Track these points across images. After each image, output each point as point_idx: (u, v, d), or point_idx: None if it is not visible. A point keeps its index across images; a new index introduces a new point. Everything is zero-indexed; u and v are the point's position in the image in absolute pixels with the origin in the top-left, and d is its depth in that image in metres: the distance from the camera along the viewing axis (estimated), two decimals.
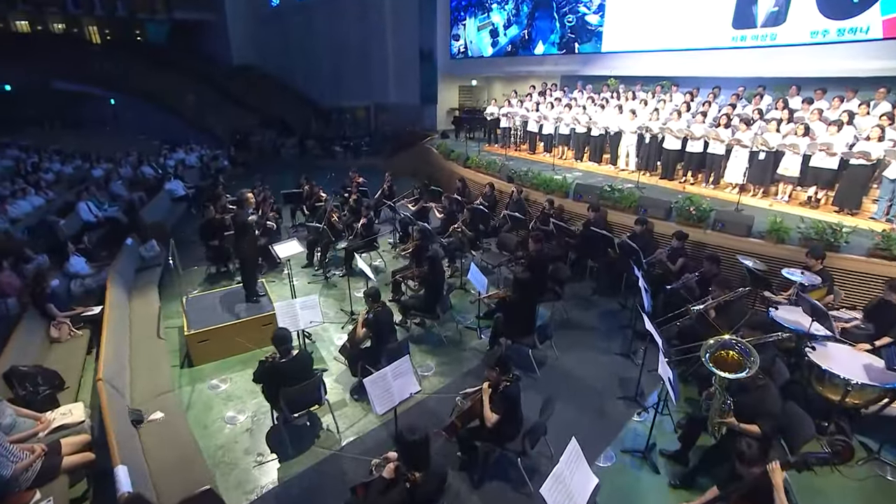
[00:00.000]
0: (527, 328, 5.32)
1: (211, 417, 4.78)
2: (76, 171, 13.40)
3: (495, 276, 7.85)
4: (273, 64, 25.62)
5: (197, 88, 22.40)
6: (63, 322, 5.36)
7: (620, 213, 7.83)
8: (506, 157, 11.92)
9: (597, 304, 7.12)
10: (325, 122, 22.14)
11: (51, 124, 20.95)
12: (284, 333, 4.19)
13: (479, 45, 17.76)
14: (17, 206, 9.30)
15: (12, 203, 9.28)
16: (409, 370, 4.13)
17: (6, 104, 22.27)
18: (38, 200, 10.08)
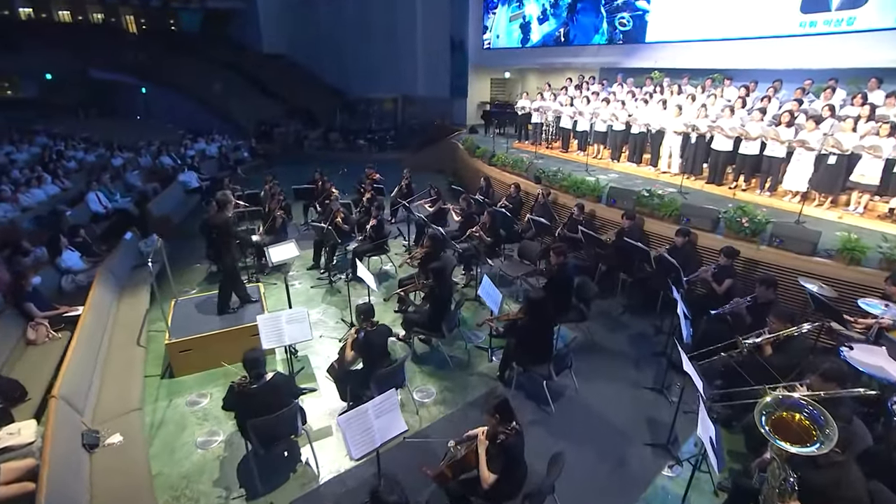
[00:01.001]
0: (541, 356, 4.68)
1: (182, 440, 4.38)
2: (98, 160, 13.54)
3: (515, 287, 7.22)
4: (303, 53, 25.59)
5: (225, 77, 22.57)
6: (41, 323, 5.11)
7: (659, 223, 7.03)
8: (535, 155, 11.21)
9: (627, 325, 6.39)
10: (350, 114, 21.87)
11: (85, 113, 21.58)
12: (257, 356, 3.72)
13: (506, 40, 17.03)
14: (30, 194, 9.32)
15: (26, 192, 9.29)
16: (394, 406, 3.59)
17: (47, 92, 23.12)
18: (53, 189, 10.12)
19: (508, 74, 18.74)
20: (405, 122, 20.91)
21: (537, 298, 4.56)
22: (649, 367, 5.46)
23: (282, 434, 3.85)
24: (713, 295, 5.65)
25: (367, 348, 4.36)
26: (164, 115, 22.30)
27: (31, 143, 14.62)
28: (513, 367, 5.10)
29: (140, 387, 4.52)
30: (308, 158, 18.06)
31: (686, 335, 4.61)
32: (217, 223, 5.46)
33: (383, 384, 4.33)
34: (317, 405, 4.91)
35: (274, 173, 10.38)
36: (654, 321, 6.31)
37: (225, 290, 5.70)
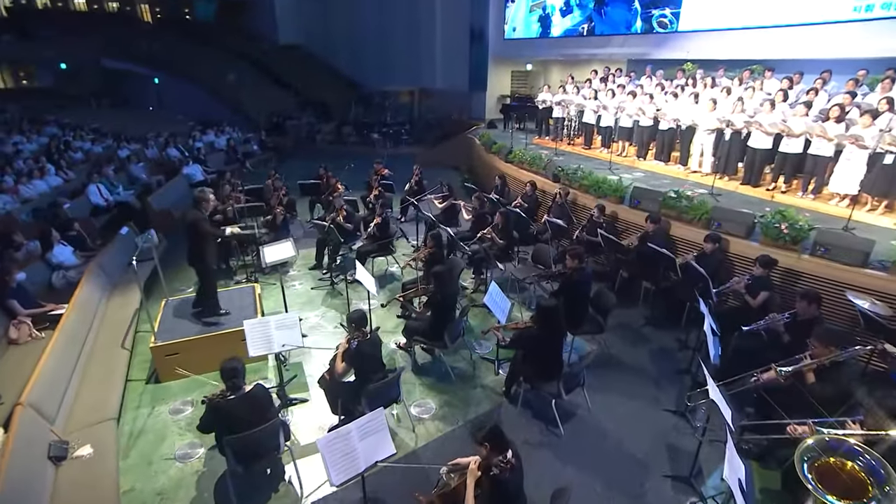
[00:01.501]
0: (550, 371, 4.38)
1: (161, 451, 4.23)
2: (106, 151, 13.69)
3: (528, 294, 6.91)
4: (319, 44, 25.58)
5: (239, 68, 22.72)
6: (24, 322, 5.02)
7: (687, 227, 6.63)
8: (555, 151, 10.87)
9: (649, 338, 6.02)
10: (365, 107, 21.76)
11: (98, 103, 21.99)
12: (235, 366, 3.53)
13: (524, 33, 16.63)
14: (31, 186, 9.40)
15: (27, 183, 9.37)
16: (381, 427, 3.35)
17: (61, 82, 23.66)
18: (56, 181, 10.20)
19: (530, 66, 18.34)
20: (421, 116, 20.71)
21: (548, 306, 4.26)
22: (671, 386, 5.10)
23: (261, 451, 3.64)
24: (746, 309, 5.25)
25: (358, 359, 4.12)
26: (176, 106, 22.57)
27: (40, 134, 14.88)
28: (520, 383, 4.81)
29: (118, 394, 4.38)
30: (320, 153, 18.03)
31: (713, 354, 4.27)
32: (188, 221, 5.29)
33: (375, 399, 4.12)
34: (307, 418, 4.71)
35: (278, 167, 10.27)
36: (679, 335, 5.94)
37: (200, 290, 5.53)
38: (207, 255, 5.34)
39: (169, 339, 5.08)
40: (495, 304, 5.00)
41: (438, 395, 5.02)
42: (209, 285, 5.53)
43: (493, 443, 2.88)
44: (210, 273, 5.50)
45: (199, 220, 5.21)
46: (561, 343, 4.41)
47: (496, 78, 18.46)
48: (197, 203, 5.29)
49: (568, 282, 5.26)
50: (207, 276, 5.48)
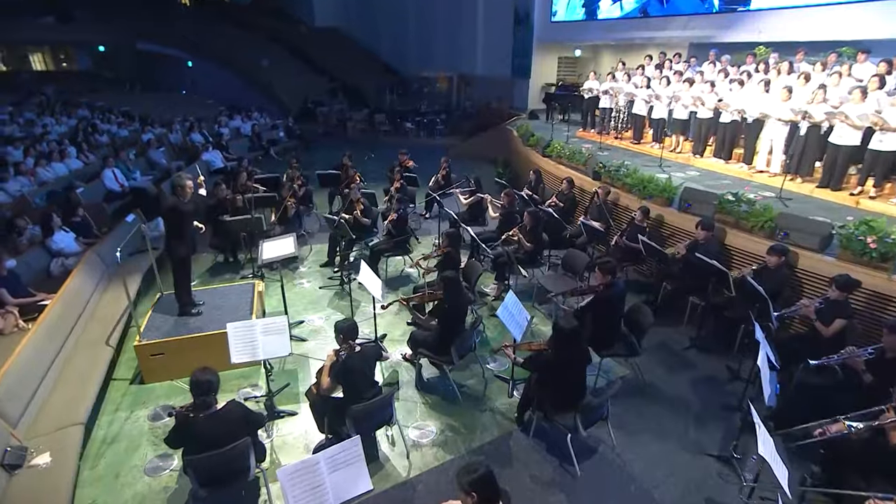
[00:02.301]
0: (567, 401, 3.94)
1: (131, 462, 4.08)
2: (131, 135, 14.11)
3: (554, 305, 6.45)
4: (357, 27, 25.57)
5: (272, 52, 23.04)
6: (10, 311, 5.04)
7: (746, 236, 5.97)
8: (600, 145, 10.28)
9: (693, 364, 5.45)
10: (401, 94, 21.60)
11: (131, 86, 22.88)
12: (207, 378, 3.30)
13: (566, 16, 15.93)
14: (50, 168, 9.69)
15: (46, 166, 9.66)
16: (355, 458, 3.04)
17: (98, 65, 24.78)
18: (76, 164, 10.51)
19: (579, 52, 17.62)
20: (459, 104, 20.34)
21: (567, 329, 3.82)
22: (716, 424, 4.55)
23: (226, 475, 3.41)
24: (816, 338, 4.62)
25: (345, 375, 3.83)
26: (209, 90, 23.18)
27: (70, 116, 15.52)
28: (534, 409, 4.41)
29: (91, 397, 4.26)
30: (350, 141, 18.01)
31: (769, 394, 3.71)
32: (164, 208, 5.14)
33: (363, 421, 3.82)
34: (294, 433, 4.47)
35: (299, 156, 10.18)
36: (730, 362, 5.34)
37: (177, 285, 5.39)
38: (181, 245, 5.18)
39: (154, 338, 4.97)
40: (511, 317, 4.59)
41: (441, 416, 4.68)
42: (183, 279, 5.39)
43: (482, 493, 2.51)
44: (185, 266, 5.35)
45: (176, 208, 5.06)
46: (581, 370, 3.97)
47: (541, 64, 17.86)
48: (174, 190, 5.13)
49: (597, 300, 4.78)
50: (183, 268, 5.34)
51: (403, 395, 4.97)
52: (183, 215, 5.09)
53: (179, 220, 5.08)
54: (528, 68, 17.59)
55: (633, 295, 6.71)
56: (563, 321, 3.84)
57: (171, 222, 5.08)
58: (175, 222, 5.06)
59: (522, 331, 4.62)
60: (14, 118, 14.29)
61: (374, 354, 4.08)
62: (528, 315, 4.87)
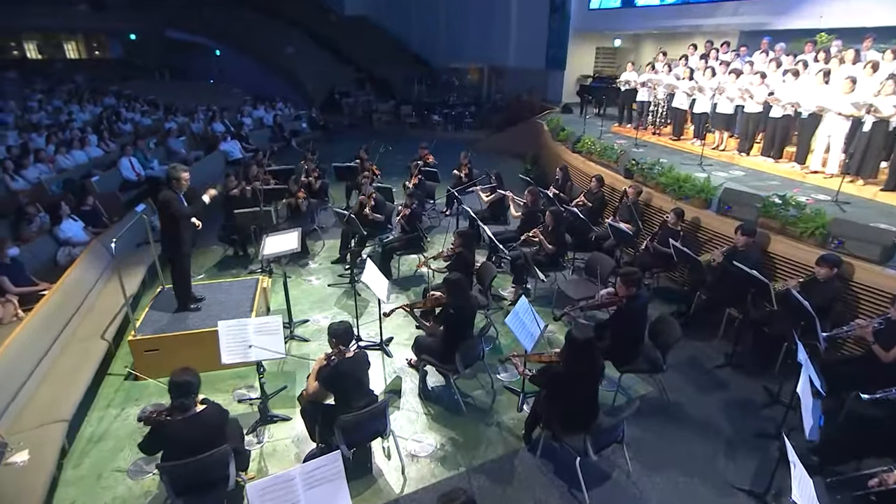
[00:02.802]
0: (577, 420, 3.70)
1: (115, 463, 4.05)
2: (154, 123, 14.44)
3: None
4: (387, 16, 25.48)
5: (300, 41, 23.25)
6: (10, 300, 5.12)
7: (793, 243, 5.55)
8: (635, 141, 9.87)
9: (726, 384, 5.09)
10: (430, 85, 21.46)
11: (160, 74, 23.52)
12: (186, 379, 3.22)
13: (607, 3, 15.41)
14: (70, 156, 9.95)
15: (66, 153, 9.93)
16: (335, 475, 2.88)
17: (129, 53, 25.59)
18: (97, 152, 10.78)
19: (619, 42, 17.07)
20: (490, 96, 20.05)
21: (581, 340, 3.56)
22: (749, 454, 4.20)
23: (204, 483, 3.31)
24: (873, 364, 4.21)
25: (335, 381, 3.69)
26: (236, 79, 23.60)
27: (96, 104, 16.01)
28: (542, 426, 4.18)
29: (78, 393, 4.25)
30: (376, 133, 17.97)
31: (811, 426, 3.37)
32: (160, 201, 5.10)
33: (353, 432, 3.68)
34: (287, 440, 4.37)
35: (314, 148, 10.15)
36: (770, 383, 4.96)
37: (174, 281, 5.36)
38: (181, 240, 5.13)
39: (149, 333, 4.96)
40: (521, 325, 4.37)
41: (443, 429, 4.49)
42: (181, 274, 5.35)
43: None
44: (183, 260, 5.30)
45: (170, 201, 5.00)
46: (594, 387, 3.71)
47: (577, 55, 17.37)
48: (169, 181, 5.09)
49: (618, 314, 4.50)
50: (180, 263, 5.29)
51: (405, 404, 4.81)
52: (173, 209, 5.00)
53: (167, 213, 5.02)
54: (562, 59, 17.14)
55: (662, 304, 6.41)
56: (576, 331, 3.59)
57: (165, 216, 5.03)
58: (170, 216, 5.00)
59: (534, 341, 4.38)
60: (42, 105, 14.83)
61: (368, 361, 3.92)
62: (542, 323, 4.63)
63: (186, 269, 5.39)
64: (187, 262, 5.38)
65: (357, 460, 4.13)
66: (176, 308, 5.42)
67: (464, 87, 21.19)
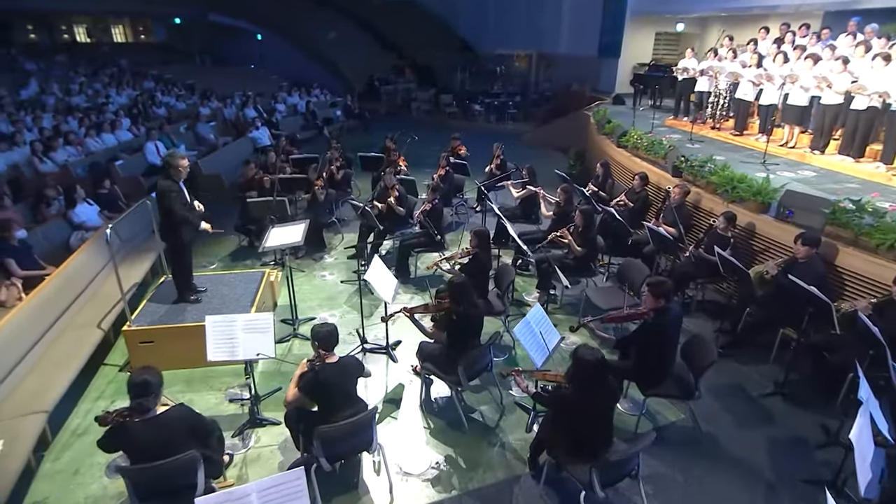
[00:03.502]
0: (582, 449, 3.40)
1: (94, 459, 4.06)
2: (189, 108, 14.89)
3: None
4: None
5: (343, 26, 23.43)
6: (14, 284, 5.27)
7: (867, 257, 4.98)
8: (691, 136, 9.29)
9: (774, 416, 4.63)
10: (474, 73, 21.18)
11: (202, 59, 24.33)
12: (146, 379, 3.14)
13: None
14: (99, 139, 10.34)
15: (96, 136, 10.33)
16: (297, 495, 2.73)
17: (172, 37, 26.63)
18: (126, 135, 11.17)
19: (682, 26, 16.22)
20: (536, 86, 19.58)
21: (590, 361, 3.26)
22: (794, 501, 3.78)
23: (169, 490, 3.23)
24: None
25: (314, 389, 3.55)
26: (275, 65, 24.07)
27: (135, 88, 16.68)
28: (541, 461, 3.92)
29: (64, 383, 4.30)
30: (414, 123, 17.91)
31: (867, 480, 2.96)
32: (157, 191, 5.07)
33: (333, 444, 3.53)
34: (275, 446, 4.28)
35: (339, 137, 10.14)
36: (828, 420, 4.46)
37: (174, 272, 5.36)
38: (179, 231, 5.11)
39: (145, 324, 4.99)
40: (532, 337, 4.10)
41: (442, 445, 4.29)
42: (180, 265, 5.34)
43: None
44: (182, 250, 5.29)
45: (166, 192, 4.97)
46: (605, 413, 3.40)
47: (634, 41, 16.65)
48: (166, 169, 5.07)
49: (644, 329, 4.14)
50: (180, 253, 5.28)
51: (403, 415, 4.64)
52: (168, 199, 4.95)
53: (163, 203, 4.99)
54: (617, 46, 16.46)
55: (705, 319, 5.99)
56: (582, 350, 3.29)
57: (162, 205, 5.02)
58: (166, 206, 4.99)
59: (547, 355, 4.11)
60: (83, 89, 15.58)
61: (354, 369, 3.76)
62: (558, 335, 4.36)
63: (186, 259, 5.38)
64: (187, 253, 5.37)
65: (344, 474, 4.01)
66: (175, 299, 5.44)
67: (509, 75, 20.80)
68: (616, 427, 4.39)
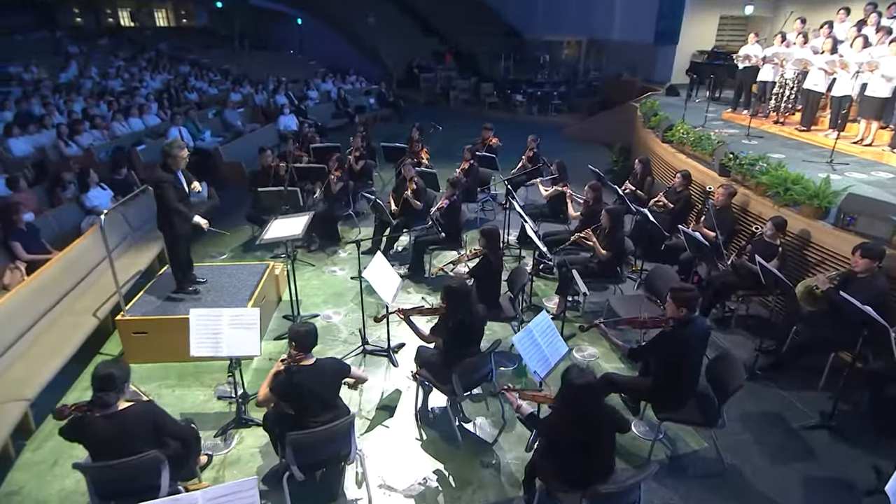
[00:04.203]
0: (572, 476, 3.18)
1: (75, 451, 4.09)
2: (221, 93, 15.28)
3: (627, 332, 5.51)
4: None
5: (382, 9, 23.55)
6: (17, 268, 5.47)
7: None
8: (749, 131, 8.77)
9: (816, 452, 4.24)
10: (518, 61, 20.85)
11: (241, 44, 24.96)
12: (109, 372, 3.14)
13: None
14: (125, 124, 10.72)
15: (123, 120, 10.71)
16: None
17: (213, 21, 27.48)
18: (154, 120, 11.53)
19: (751, 9, 15.38)
20: (584, 75, 19.08)
21: (577, 384, 3.02)
22: None
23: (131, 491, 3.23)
24: None
25: (286, 392, 3.48)
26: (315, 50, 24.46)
27: (170, 72, 17.27)
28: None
29: (50, 372, 4.41)
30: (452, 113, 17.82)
31: None
32: (152, 180, 5.10)
33: (306, 453, 3.46)
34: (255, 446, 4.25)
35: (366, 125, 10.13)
36: (880, 459, 4.06)
37: (172, 264, 5.41)
38: (175, 222, 5.14)
39: (139, 315, 5.08)
40: (533, 348, 3.90)
41: (432, 460, 4.16)
42: (177, 256, 5.39)
43: None
44: (179, 241, 5.32)
45: (160, 182, 5.00)
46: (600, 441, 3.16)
47: (695, 26, 15.93)
48: (164, 158, 5.10)
49: (661, 341, 3.87)
50: (176, 244, 5.32)
51: (396, 424, 4.53)
52: (162, 189, 4.98)
53: (164, 199, 5.03)
54: (675, 32, 15.79)
55: (745, 337, 5.61)
56: (574, 372, 3.07)
57: (158, 195, 5.07)
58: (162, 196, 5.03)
59: (549, 369, 3.92)
60: (120, 73, 16.25)
61: (334, 372, 3.66)
62: (566, 348, 4.14)
63: (183, 250, 5.41)
64: (184, 244, 5.41)
65: (324, 484, 3.94)
66: (174, 290, 5.52)
67: (555, 64, 20.36)
68: (628, 452, 4.21)
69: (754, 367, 5.06)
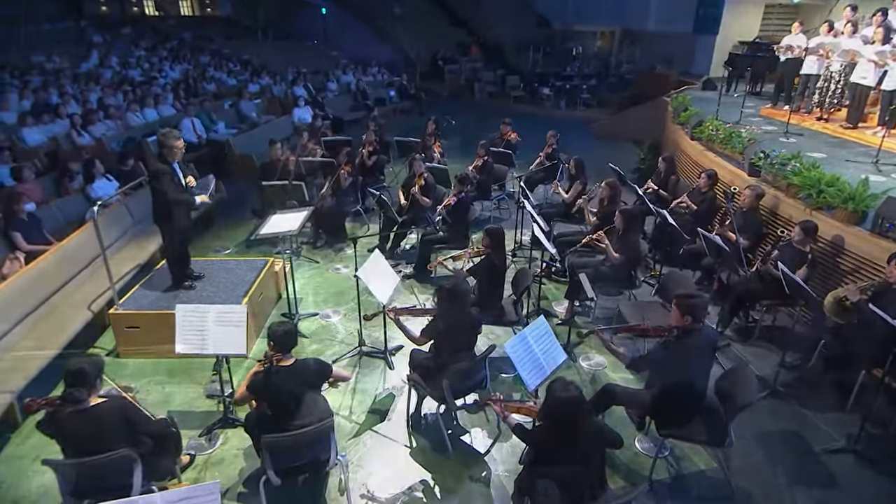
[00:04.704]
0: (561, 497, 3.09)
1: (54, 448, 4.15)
2: (239, 84, 15.49)
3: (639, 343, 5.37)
4: None
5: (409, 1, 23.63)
6: (16, 258, 5.62)
7: None
8: (788, 128, 8.45)
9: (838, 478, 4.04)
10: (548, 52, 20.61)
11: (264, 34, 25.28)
12: (81, 367, 3.18)
13: None
14: (140, 114, 10.94)
15: (137, 111, 10.94)
16: None
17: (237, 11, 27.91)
18: (169, 111, 11.75)
19: None
20: (616, 67, 18.76)
21: (561, 398, 2.93)
22: None
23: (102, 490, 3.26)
24: None
25: (263, 392, 3.49)
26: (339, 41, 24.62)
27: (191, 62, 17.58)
28: None
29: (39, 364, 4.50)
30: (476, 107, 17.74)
31: None
32: (148, 172, 5.16)
33: (283, 457, 3.45)
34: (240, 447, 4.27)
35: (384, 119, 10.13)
36: None
37: (169, 257, 5.47)
38: (172, 215, 5.19)
39: (131, 309, 5.16)
40: (527, 356, 3.80)
41: (420, 469, 4.11)
42: (174, 250, 5.45)
43: None
44: (176, 235, 5.37)
45: (156, 174, 5.05)
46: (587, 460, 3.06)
47: (738, 15, 15.54)
48: (160, 149, 5.15)
49: (663, 351, 3.73)
50: (172, 238, 5.38)
51: (385, 430, 4.50)
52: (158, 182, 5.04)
53: (160, 191, 5.09)
54: (716, 20, 15.43)
55: (768, 350, 5.40)
56: (558, 385, 2.97)
57: (155, 188, 5.13)
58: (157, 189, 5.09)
59: (543, 378, 3.81)
60: (140, 62, 16.62)
61: (315, 373, 3.64)
62: (563, 356, 4.04)
63: (180, 244, 5.48)
64: (181, 238, 5.47)
65: (305, 489, 3.93)
66: (170, 284, 5.59)
67: (586, 56, 20.06)
68: (629, 469, 4.09)
69: (775, 382, 4.87)
